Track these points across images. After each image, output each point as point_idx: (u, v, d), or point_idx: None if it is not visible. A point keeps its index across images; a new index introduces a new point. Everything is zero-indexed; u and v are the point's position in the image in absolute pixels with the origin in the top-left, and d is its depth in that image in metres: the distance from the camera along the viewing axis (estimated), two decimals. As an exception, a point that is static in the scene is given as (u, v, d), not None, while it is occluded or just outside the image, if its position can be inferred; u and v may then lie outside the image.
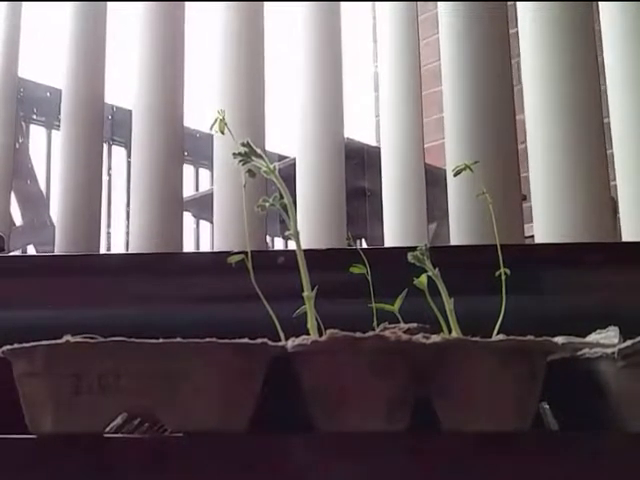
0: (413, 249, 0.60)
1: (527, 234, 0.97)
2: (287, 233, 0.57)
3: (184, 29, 1.01)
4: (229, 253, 0.59)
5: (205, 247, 2.31)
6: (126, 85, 1.02)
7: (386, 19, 1.08)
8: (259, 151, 0.57)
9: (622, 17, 0.96)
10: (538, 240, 0.93)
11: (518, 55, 0.98)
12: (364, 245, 1.89)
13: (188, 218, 2.21)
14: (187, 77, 1.01)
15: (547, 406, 0.60)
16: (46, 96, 1.95)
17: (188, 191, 2.24)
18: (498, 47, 0.96)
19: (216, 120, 0.57)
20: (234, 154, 0.57)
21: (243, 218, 0.59)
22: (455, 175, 0.61)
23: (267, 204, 0.55)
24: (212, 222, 0.99)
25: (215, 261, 0.64)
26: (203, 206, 1.78)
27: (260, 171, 0.57)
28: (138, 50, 1.00)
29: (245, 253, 0.57)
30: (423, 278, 0.58)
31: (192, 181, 2.39)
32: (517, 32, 0.98)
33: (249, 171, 0.56)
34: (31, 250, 1.81)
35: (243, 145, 0.57)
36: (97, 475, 0.50)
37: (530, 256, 0.87)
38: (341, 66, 1.03)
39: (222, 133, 0.57)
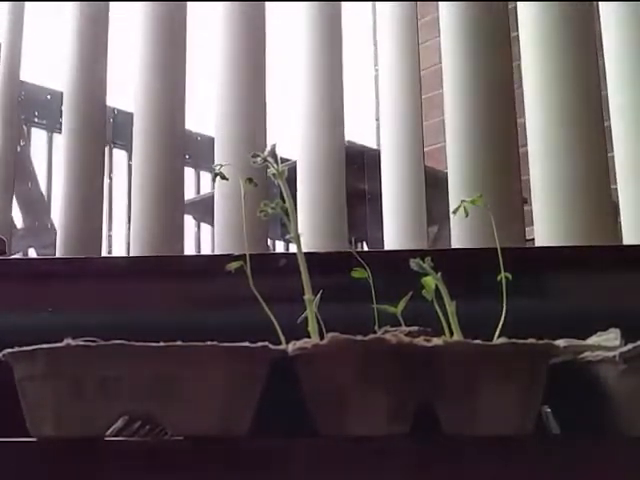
0: (414, 252, 0.59)
1: (528, 237, 0.97)
2: (288, 236, 0.57)
3: (185, 32, 1.02)
4: (229, 256, 0.59)
5: (206, 250, 2.30)
6: (128, 88, 1.02)
7: (386, 22, 1.08)
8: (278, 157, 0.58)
9: (622, 20, 0.96)
10: (539, 243, 0.93)
11: (519, 58, 0.98)
12: (365, 248, 1.89)
13: (189, 221, 2.20)
14: (188, 80, 1.01)
15: (549, 409, 0.60)
16: (47, 99, 1.96)
17: (189, 194, 2.24)
18: (499, 50, 0.96)
19: (215, 175, 0.58)
20: (253, 155, 0.57)
21: (242, 223, 0.59)
22: (454, 213, 0.61)
23: (269, 209, 0.55)
24: (213, 225, 0.99)
25: (216, 264, 0.64)
26: (204, 209, 1.78)
27: (269, 173, 0.58)
28: (139, 53, 1.00)
29: (244, 257, 0.57)
30: (430, 280, 0.57)
31: (193, 184, 2.39)
32: (518, 35, 0.98)
33: (249, 180, 0.56)
34: (32, 253, 1.81)
35: (272, 147, 0.58)
36: (97, 478, 0.50)
37: (531, 259, 0.86)
38: (341, 69, 1.03)
39: (225, 179, 0.59)
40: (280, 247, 2.15)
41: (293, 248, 0.59)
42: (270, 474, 0.50)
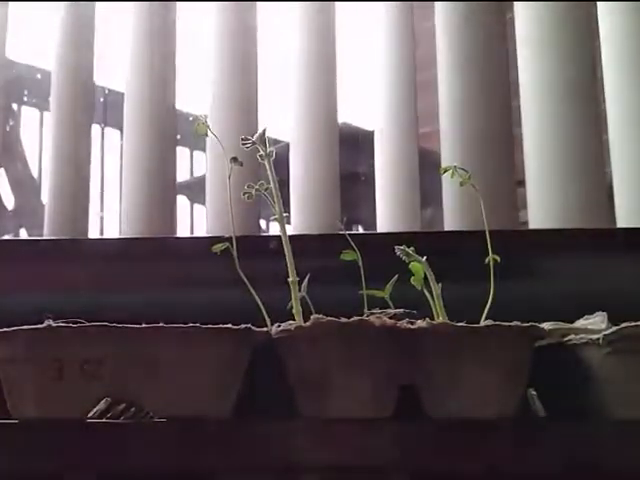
0: (405, 234, 0.59)
1: (522, 220, 0.96)
2: (272, 218, 0.57)
3: (176, 11, 1.00)
4: (217, 238, 0.59)
5: (200, 231, 2.30)
6: (119, 67, 1.01)
7: (381, 4, 1.07)
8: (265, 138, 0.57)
9: (619, 8, 0.95)
10: (532, 226, 0.92)
11: (514, 42, 0.97)
12: (360, 230, 1.88)
13: (183, 202, 2.19)
14: (179, 59, 1.00)
15: (534, 392, 0.59)
16: (37, 78, 1.94)
17: (183, 175, 2.23)
18: (494, 33, 0.95)
19: (197, 124, 0.57)
20: (244, 139, 0.57)
21: (229, 204, 0.58)
22: (443, 173, 0.60)
23: (253, 190, 0.55)
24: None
25: (202, 246, 0.64)
26: (198, 190, 1.78)
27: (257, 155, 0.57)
28: (130, 31, 0.98)
29: (230, 239, 0.57)
30: (418, 266, 0.57)
31: (187, 164, 2.38)
32: (512, 17, 0.97)
33: (234, 159, 0.56)
34: (23, 234, 1.81)
35: (263, 131, 0.57)
36: (80, 460, 0.50)
37: (521, 242, 0.86)
38: (334, 49, 1.02)
39: (206, 135, 0.58)
40: (276, 229, 2.14)
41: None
42: (253, 455, 0.50)
